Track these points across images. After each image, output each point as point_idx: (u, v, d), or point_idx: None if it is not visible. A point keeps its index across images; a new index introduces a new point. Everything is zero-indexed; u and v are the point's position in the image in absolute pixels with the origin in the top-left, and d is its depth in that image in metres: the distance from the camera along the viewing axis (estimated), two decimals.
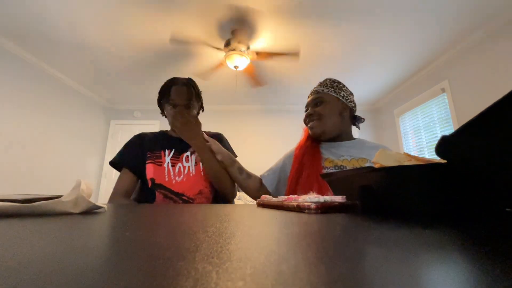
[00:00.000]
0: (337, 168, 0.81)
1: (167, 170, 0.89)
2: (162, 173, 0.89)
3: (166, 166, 0.90)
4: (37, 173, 2.88)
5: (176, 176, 0.89)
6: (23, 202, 0.31)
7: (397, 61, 2.85)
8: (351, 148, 0.88)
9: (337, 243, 0.15)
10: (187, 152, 0.94)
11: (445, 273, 0.09)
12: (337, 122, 0.89)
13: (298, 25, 2.24)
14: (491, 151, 0.22)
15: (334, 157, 0.85)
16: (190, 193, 0.88)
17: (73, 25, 2.25)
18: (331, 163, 0.83)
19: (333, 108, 0.89)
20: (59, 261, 0.11)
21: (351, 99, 0.92)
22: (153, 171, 0.89)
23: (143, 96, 3.85)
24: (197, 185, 0.90)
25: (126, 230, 0.21)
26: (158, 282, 0.08)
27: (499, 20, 2.16)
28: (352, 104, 0.92)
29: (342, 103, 0.90)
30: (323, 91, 0.91)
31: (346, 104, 0.90)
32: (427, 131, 3.04)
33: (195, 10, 2.10)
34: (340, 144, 0.90)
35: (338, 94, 0.90)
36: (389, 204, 0.33)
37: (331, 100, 0.89)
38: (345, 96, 0.90)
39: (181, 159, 0.92)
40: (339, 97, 0.90)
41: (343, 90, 0.91)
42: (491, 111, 0.18)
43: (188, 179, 0.89)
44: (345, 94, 0.90)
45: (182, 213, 0.36)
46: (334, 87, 0.91)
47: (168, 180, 0.88)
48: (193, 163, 0.92)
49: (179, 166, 0.91)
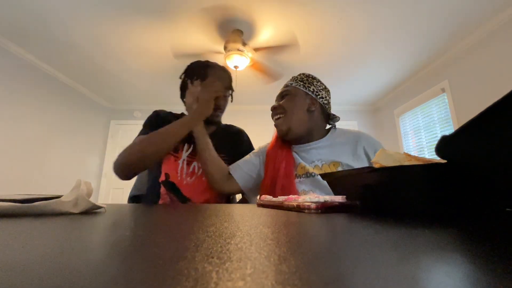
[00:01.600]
0: (309, 175, 0.76)
1: (180, 168, 0.81)
2: (175, 169, 0.81)
3: (180, 162, 0.82)
4: (37, 173, 2.88)
5: (188, 176, 0.81)
6: (23, 202, 0.31)
7: (397, 61, 2.85)
8: (322, 148, 0.82)
9: (337, 243, 0.15)
10: None
11: (445, 273, 0.09)
12: (304, 119, 0.82)
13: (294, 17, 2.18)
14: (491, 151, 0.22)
15: (306, 163, 0.80)
16: (197, 199, 0.81)
17: (74, 25, 2.25)
18: (303, 169, 0.78)
19: (299, 103, 0.82)
20: (58, 261, 0.11)
21: (322, 95, 0.84)
22: (168, 165, 0.81)
23: (143, 96, 3.85)
24: (207, 191, 0.82)
25: (126, 230, 0.21)
26: (158, 282, 0.08)
27: (499, 20, 2.16)
28: (323, 100, 0.84)
29: (311, 98, 0.83)
30: (291, 84, 0.86)
31: (315, 99, 0.83)
32: (427, 131, 3.04)
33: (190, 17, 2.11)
34: (310, 145, 0.83)
35: (307, 89, 0.83)
36: (389, 204, 0.33)
37: (298, 93, 0.83)
38: (315, 91, 0.83)
39: (198, 158, 0.83)
40: (307, 92, 0.83)
41: (313, 84, 0.84)
42: (491, 111, 0.18)
43: (199, 182, 0.82)
44: (315, 89, 0.83)
45: (182, 213, 0.36)
46: (304, 81, 0.85)
47: (180, 180, 0.80)
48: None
49: (194, 165, 0.83)
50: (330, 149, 0.81)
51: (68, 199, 0.33)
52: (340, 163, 0.77)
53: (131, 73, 3.13)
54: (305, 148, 0.83)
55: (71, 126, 3.41)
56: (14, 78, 2.62)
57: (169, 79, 3.26)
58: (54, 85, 3.11)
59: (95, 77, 3.26)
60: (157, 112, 0.90)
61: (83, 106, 3.63)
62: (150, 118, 0.89)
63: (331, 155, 0.79)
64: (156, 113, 0.90)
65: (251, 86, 3.39)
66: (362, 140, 0.81)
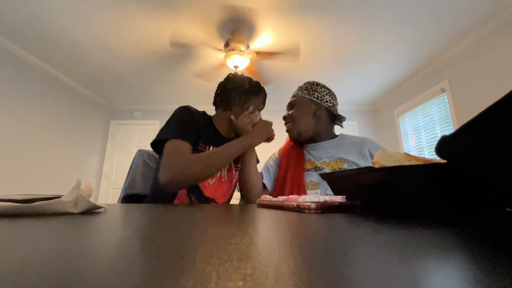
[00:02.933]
0: (317, 169, 0.85)
1: None
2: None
3: None
4: (37, 173, 2.88)
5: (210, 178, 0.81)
6: (23, 202, 0.31)
7: (397, 61, 2.85)
8: (330, 148, 0.91)
9: (337, 243, 0.15)
10: None
11: (446, 273, 0.09)
12: (311, 123, 0.92)
13: (297, 24, 2.23)
14: (491, 151, 0.22)
15: (315, 159, 0.89)
16: (220, 200, 0.82)
17: (74, 25, 2.25)
18: (312, 164, 0.87)
19: (305, 110, 0.92)
20: (58, 261, 0.11)
21: (326, 99, 0.93)
22: None
23: (143, 96, 3.85)
24: (228, 192, 0.85)
25: (126, 230, 0.21)
26: (158, 282, 0.08)
27: (499, 20, 2.16)
28: (328, 104, 0.93)
29: (316, 103, 0.92)
30: (297, 94, 0.96)
31: (320, 104, 0.92)
32: (427, 131, 3.04)
33: (194, 12, 2.10)
34: (319, 145, 0.93)
35: (312, 96, 0.93)
36: (389, 204, 0.33)
37: (304, 102, 0.93)
38: (319, 97, 0.93)
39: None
40: (312, 98, 0.93)
41: (317, 91, 0.94)
42: (491, 111, 0.18)
43: (220, 184, 0.83)
44: (319, 95, 0.93)
45: (182, 213, 0.36)
46: (309, 89, 0.94)
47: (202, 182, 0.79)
48: (226, 167, 0.85)
49: None
50: (338, 149, 0.90)
51: (68, 199, 0.33)
52: (346, 160, 0.85)
53: (131, 73, 3.13)
54: (315, 147, 0.93)
55: (71, 126, 3.41)
56: (13, 78, 2.62)
57: (169, 79, 3.26)
58: (54, 85, 3.11)
59: (95, 77, 3.26)
60: (188, 108, 0.82)
61: (83, 106, 3.62)
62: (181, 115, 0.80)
63: (339, 153, 0.88)
64: (187, 109, 0.82)
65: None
66: (368, 143, 0.90)
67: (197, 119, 0.82)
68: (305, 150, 0.93)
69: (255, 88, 0.89)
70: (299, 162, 0.88)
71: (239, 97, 0.86)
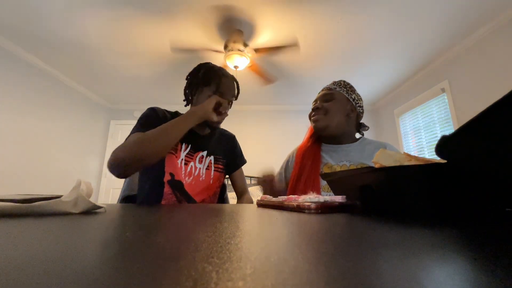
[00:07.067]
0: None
1: (179, 167, 0.80)
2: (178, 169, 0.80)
3: (179, 162, 0.81)
4: (37, 173, 2.88)
5: (186, 176, 0.81)
6: (23, 202, 0.31)
7: (397, 61, 2.85)
8: (352, 152, 0.88)
9: (337, 243, 0.15)
10: (203, 151, 0.86)
11: (446, 273, 0.09)
12: (342, 122, 0.89)
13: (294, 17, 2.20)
14: (491, 151, 0.22)
15: (334, 161, 0.87)
16: (197, 198, 0.81)
17: (74, 25, 2.25)
18: (330, 169, 0.85)
19: (342, 107, 0.89)
20: (58, 261, 0.11)
21: (360, 104, 0.93)
22: (171, 164, 0.79)
23: (143, 96, 3.85)
24: (204, 192, 0.83)
25: (126, 230, 0.21)
26: (158, 282, 0.08)
27: (499, 20, 2.16)
28: (360, 109, 0.93)
29: (351, 105, 0.91)
30: (335, 89, 0.93)
31: (354, 107, 0.91)
32: (427, 131, 3.04)
33: (192, 16, 2.11)
34: (341, 147, 0.90)
35: (350, 96, 0.91)
36: (389, 204, 0.33)
37: (342, 99, 0.91)
38: (355, 100, 0.92)
39: (195, 158, 0.84)
40: (349, 98, 0.91)
41: (355, 93, 0.93)
42: (491, 111, 0.18)
43: (197, 183, 0.82)
44: (356, 98, 0.92)
45: (181, 213, 0.36)
46: (347, 88, 0.93)
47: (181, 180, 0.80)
48: (205, 166, 0.85)
49: (192, 165, 0.83)
50: (360, 153, 0.88)
51: (68, 199, 0.33)
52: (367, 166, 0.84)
53: (131, 73, 3.13)
54: (335, 149, 0.91)
55: (71, 126, 3.41)
56: (13, 78, 2.62)
57: (169, 80, 3.26)
58: (54, 85, 3.11)
59: (95, 77, 3.25)
60: (153, 109, 0.85)
61: (83, 106, 3.62)
62: (146, 114, 0.83)
63: (360, 158, 0.86)
64: (153, 109, 0.85)
65: (249, 86, 3.39)
66: (388, 148, 0.89)
67: (163, 116, 0.84)
68: (322, 153, 0.90)
69: (204, 79, 0.86)
70: (315, 163, 0.86)
71: (193, 91, 0.88)
